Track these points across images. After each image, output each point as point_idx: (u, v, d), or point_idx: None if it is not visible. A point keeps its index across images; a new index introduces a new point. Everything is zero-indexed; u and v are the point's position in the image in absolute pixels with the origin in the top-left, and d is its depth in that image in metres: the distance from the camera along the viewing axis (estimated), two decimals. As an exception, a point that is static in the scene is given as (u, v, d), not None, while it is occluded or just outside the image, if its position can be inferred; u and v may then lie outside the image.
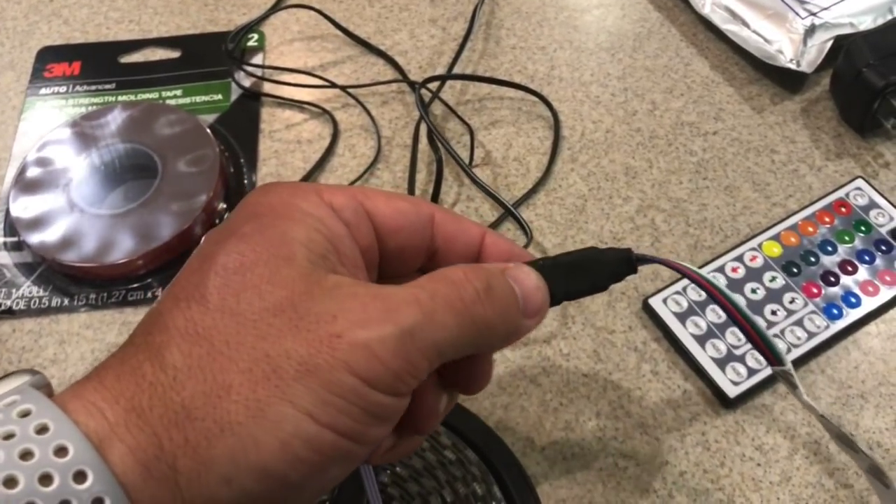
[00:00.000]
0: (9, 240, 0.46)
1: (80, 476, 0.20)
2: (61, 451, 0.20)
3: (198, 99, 0.51)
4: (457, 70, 0.52)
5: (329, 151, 0.49)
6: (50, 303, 0.44)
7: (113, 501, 0.20)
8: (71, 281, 0.44)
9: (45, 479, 0.20)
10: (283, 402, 0.21)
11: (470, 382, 0.28)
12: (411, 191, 0.47)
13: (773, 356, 0.29)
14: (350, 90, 0.51)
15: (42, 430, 0.20)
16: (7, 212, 0.46)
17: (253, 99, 0.51)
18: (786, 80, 0.51)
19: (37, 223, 0.45)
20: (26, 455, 0.20)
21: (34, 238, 0.44)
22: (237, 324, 0.22)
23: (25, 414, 0.21)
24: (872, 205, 0.45)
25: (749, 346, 0.40)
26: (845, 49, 0.47)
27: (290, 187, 0.26)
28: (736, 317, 0.29)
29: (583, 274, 0.28)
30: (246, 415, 0.21)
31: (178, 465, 0.21)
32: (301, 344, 0.22)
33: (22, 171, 0.47)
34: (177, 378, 0.22)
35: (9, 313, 0.43)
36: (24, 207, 0.45)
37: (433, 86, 0.51)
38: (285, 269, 0.23)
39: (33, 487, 0.20)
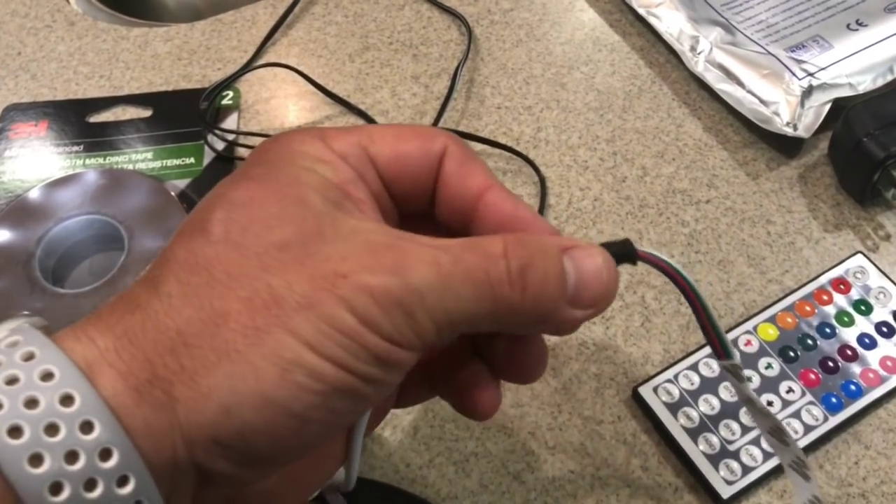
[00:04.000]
0: (-33, 318, 0.44)
1: (67, 399, 0.19)
2: (48, 376, 0.20)
3: (169, 162, 0.49)
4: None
5: (305, 221, 0.47)
6: (9, 388, 0.41)
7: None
8: (31, 364, 0.42)
9: (31, 404, 0.19)
10: (282, 331, 0.21)
11: (510, 365, 0.27)
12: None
13: (721, 349, 0.30)
14: (328, 154, 0.49)
15: (29, 357, 0.20)
16: (-34, 288, 0.44)
17: (227, 162, 0.49)
18: (782, 144, 0.49)
19: (-4, 302, 0.43)
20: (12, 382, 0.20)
21: (-7, 319, 0.42)
22: (240, 255, 0.22)
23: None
24: (873, 283, 0.43)
25: (744, 440, 0.38)
26: (844, 116, 0.45)
27: (297, 135, 0.25)
28: (696, 304, 0.30)
29: None
30: (244, 343, 0.21)
31: (176, 392, 0.20)
32: (305, 278, 0.21)
33: (-18, 244, 0.45)
34: (171, 304, 0.21)
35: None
36: (-18, 285, 0.43)
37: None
38: (296, 208, 0.23)
39: (18, 410, 0.19)
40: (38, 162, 0.50)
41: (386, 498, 0.36)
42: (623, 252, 0.28)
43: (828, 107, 0.47)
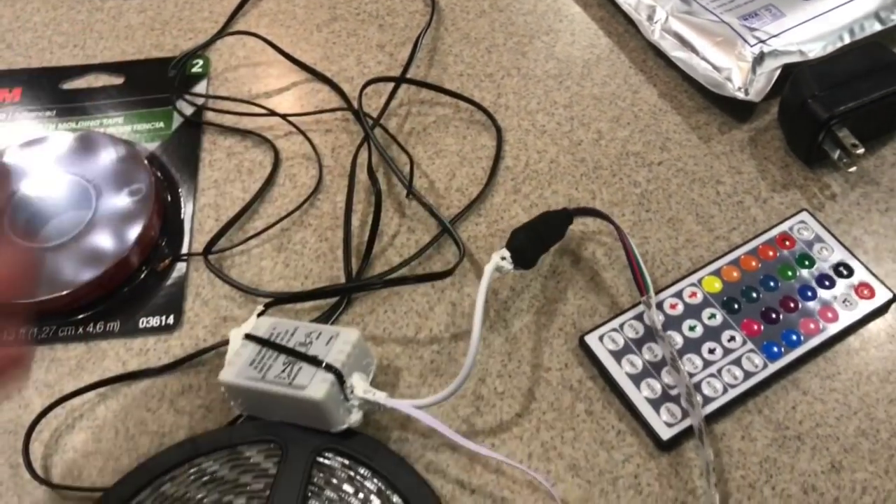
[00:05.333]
0: (-61, 273, 0.45)
1: None
2: None
3: (139, 127, 0.51)
4: (401, 97, 0.51)
5: (269, 181, 0.48)
6: (-23, 339, 0.43)
7: None
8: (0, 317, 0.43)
9: None
10: None
11: None
12: (347, 221, 0.46)
13: (643, 287, 0.40)
14: (292, 118, 0.50)
15: None
16: (-62, 244, 0.45)
17: (195, 127, 0.51)
18: (735, 109, 0.50)
19: (-33, 256, 0.44)
20: None
21: (-37, 272, 0.44)
22: None
23: None
24: (816, 238, 0.44)
25: (684, 387, 0.39)
26: (791, 79, 0.47)
27: None
28: (625, 242, 0.42)
29: (546, 228, 0.42)
30: None
31: None
32: None
33: (-46, 202, 0.46)
34: None
35: (-65, 350, 0.43)
36: (-46, 240, 0.45)
37: (375, 111, 0.50)
38: None
39: None
40: (11, 126, 0.51)
41: (364, 445, 0.38)
42: (565, 216, 0.40)
43: (778, 72, 0.49)
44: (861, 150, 0.44)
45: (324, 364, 0.37)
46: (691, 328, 0.41)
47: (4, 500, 0.38)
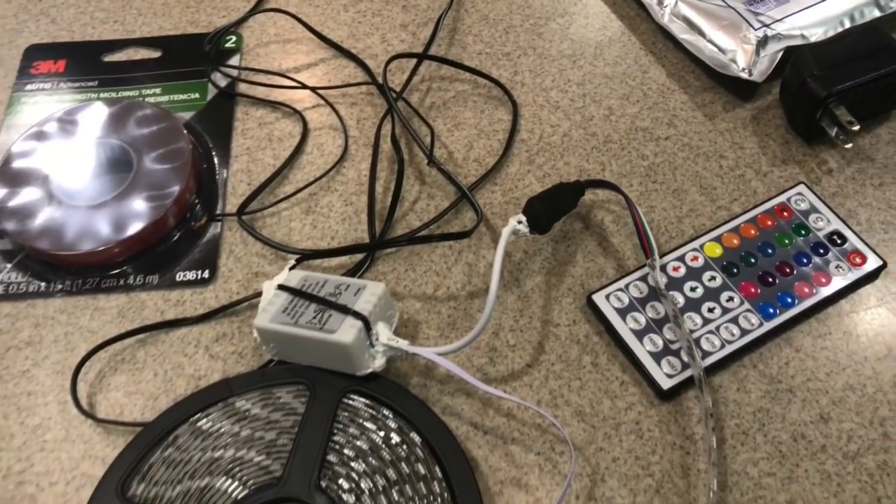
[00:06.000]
0: (-9, 228, 0.48)
1: None
2: None
3: (176, 97, 0.54)
4: (423, 73, 0.54)
5: (298, 149, 0.51)
6: (27, 288, 0.46)
7: None
8: (48, 268, 0.47)
9: None
10: None
11: None
12: (371, 187, 0.49)
13: (648, 250, 0.43)
14: (320, 91, 0.53)
15: None
16: (-10, 201, 0.49)
17: (228, 98, 0.54)
18: (739, 89, 0.53)
19: (17, 213, 0.47)
20: None
21: (14, 227, 0.47)
22: None
23: None
24: (812, 209, 0.47)
25: (685, 341, 0.42)
26: (792, 59, 0.49)
27: None
28: (633, 209, 0.45)
29: (559, 198, 0.45)
30: None
31: None
32: None
33: (5, 163, 0.49)
34: None
35: (-12, 297, 0.46)
36: (5, 197, 0.48)
37: (398, 86, 0.53)
38: None
39: None
40: (57, 95, 0.54)
41: (387, 388, 0.41)
42: (578, 187, 0.44)
43: (780, 54, 0.51)
44: (857, 127, 0.47)
45: (352, 311, 0.40)
46: (692, 289, 0.44)
47: (53, 433, 0.41)
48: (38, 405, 0.42)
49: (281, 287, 0.42)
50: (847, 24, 0.53)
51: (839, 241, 0.45)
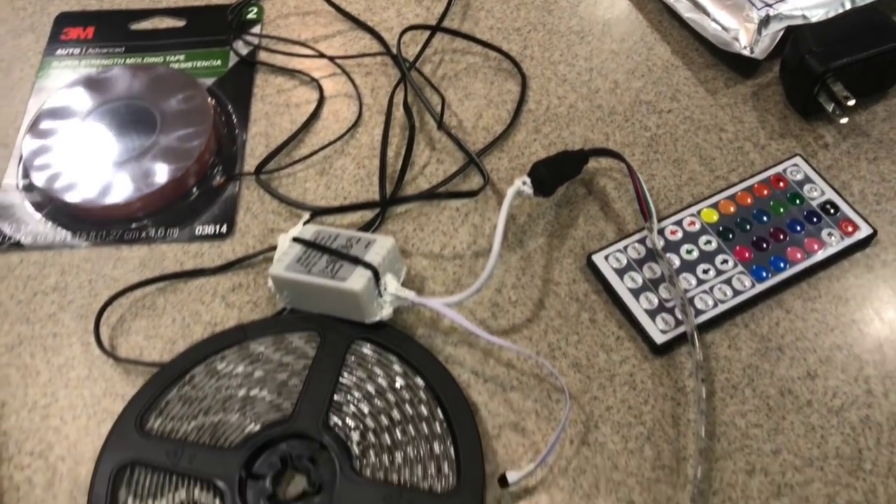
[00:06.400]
0: (22, 182, 0.51)
1: None
2: None
3: (199, 64, 0.56)
4: (435, 45, 0.56)
5: (314, 115, 0.53)
6: (54, 238, 0.48)
7: None
8: (74, 220, 0.49)
9: None
10: None
11: None
12: (384, 151, 0.51)
13: (647, 214, 0.45)
14: (337, 60, 0.55)
15: None
16: (21, 157, 0.51)
17: (248, 66, 0.56)
18: (740, 66, 0.55)
19: (46, 167, 0.50)
20: None
21: (43, 181, 0.49)
22: None
23: None
24: (807, 180, 0.49)
25: (679, 299, 0.44)
26: (792, 37, 0.51)
27: None
28: (633, 174, 0.47)
29: (564, 164, 0.47)
30: None
31: None
32: None
33: (36, 121, 0.52)
34: None
35: (18, 246, 0.48)
36: (36, 154, 0.50)
37: (411, 57, 0.55)
38: None
39: None
40: (86, 60, 0.57)
41: (393, 336, 0.43)
42: (582, 155, 0.46)
43: (781, 33, 0.53)
44: (852, 102, 0.49)
45: (363, 262, 0.42)
46: (688, 252, 0.46)
47: (76, 372, 0.43)
48: (63, 346, 0.44)
49: (296, 239, 0.44)
50: (847, 6, 0.54)
51: (832, 211, 0.47)
